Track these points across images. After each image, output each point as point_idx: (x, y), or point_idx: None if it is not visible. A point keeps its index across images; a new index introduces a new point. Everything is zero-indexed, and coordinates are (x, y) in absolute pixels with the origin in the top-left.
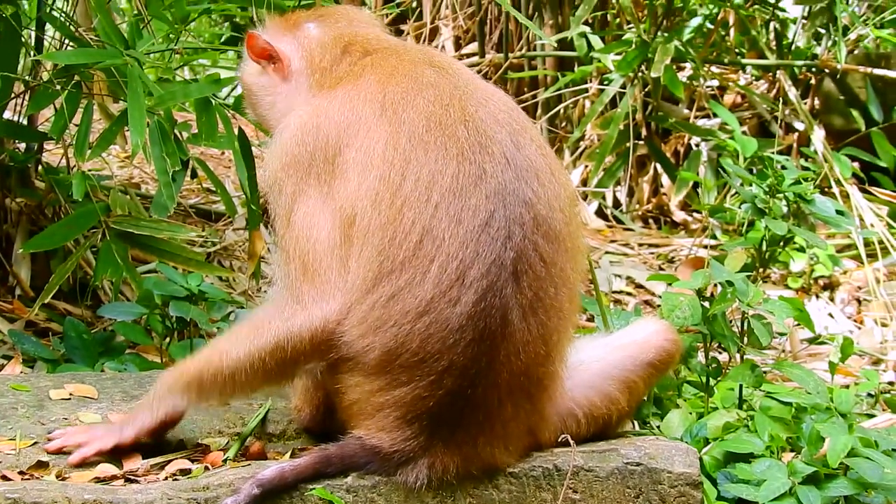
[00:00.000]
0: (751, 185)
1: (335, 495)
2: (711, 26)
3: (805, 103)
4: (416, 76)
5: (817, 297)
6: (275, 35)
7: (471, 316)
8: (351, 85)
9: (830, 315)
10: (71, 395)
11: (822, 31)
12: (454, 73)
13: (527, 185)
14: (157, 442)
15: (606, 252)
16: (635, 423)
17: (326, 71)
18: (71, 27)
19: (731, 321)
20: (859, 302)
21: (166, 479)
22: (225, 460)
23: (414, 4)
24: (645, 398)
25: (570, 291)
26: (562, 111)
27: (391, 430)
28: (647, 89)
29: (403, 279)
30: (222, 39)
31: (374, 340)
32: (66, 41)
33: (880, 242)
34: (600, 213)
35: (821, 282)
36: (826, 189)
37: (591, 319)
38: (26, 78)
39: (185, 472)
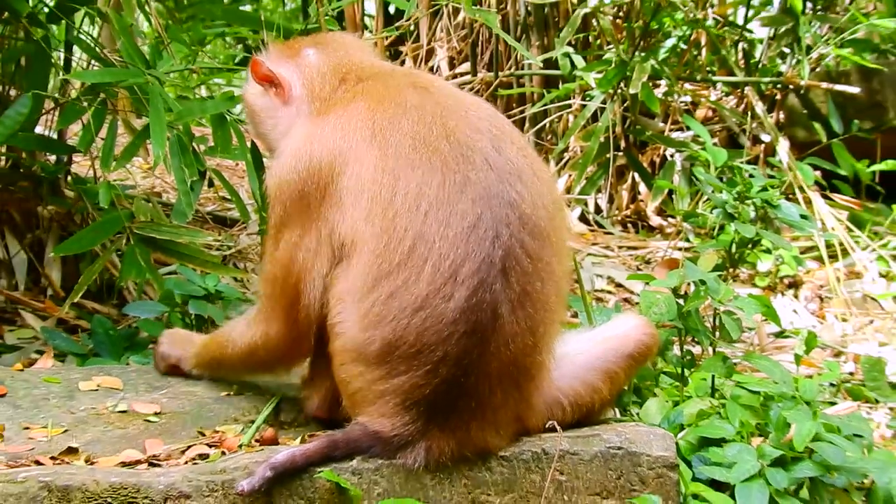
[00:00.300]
0: (721, 191)
1: (341, 477)
2: (685, 46)
3: (771, 117)
4: (402, 101)
5: (782, 294)
6: (277, 60)
7: (463, 310)
8: (342, 110)
9: (795, 311)
10: (99, 386)
11: (787, 50)
12: (436, 92)
13: (510, 187)
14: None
15: (588, 254)
16: (616, 410)
17: (325, 99)
18: (97, 49)
19: (703, 317)
20: (821, 299)
21: (186, 463)
22: (240, 446)
23: (412, 27)
24: (625, 388)
25: (556, 285)
26: (547, 125)
27: (391, 416)
28: (625, 105)
29: (400, 279)
30: (236, 60)
31: (374, 333)
32: (93, 62)
33: (840, 244)
34: (583, 218)
35: (786, 280)
36: (790, 196)
37: (574, 316)
38: (56, 96)
39: (204, 457)
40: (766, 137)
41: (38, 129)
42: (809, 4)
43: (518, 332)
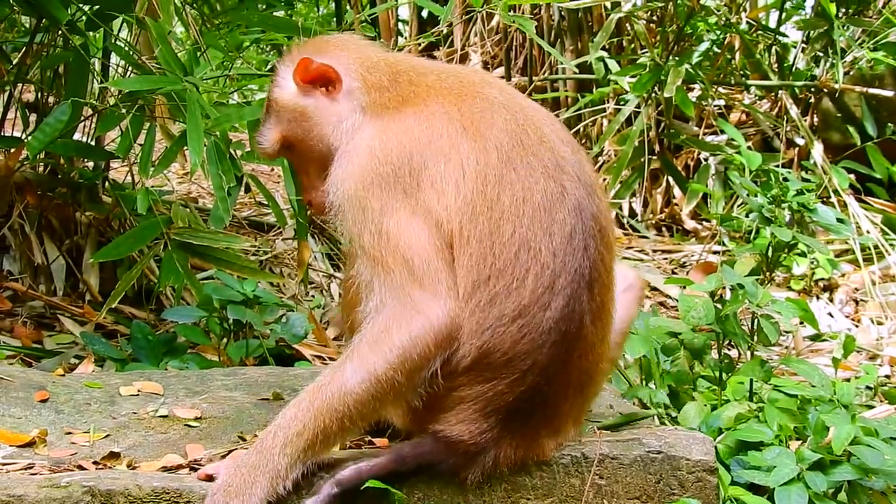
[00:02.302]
0: (757, 195)
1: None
2: (718, 50)
3: (805, 120)
4: (486, 96)
5: (818, 298)
6: (319, 57)
7: (557, 320)
8: (421, 104)
9: (830, 315)
10: (139, 391)
11: (821, 54)
12: (513, 93)
13: (591, 200)
14: None
15: (623, 258)
16: (656, 418)
17: (385, 89)
18: (134, 56)
19: (741, 321)
20: (856, 302)
21: None
22: None
23: (445, 32)
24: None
25: (613, 296)
26: (582, 129)
27: (469, 423)
28: (659, 108)
29: (500, 285)
30: (269, 66)
31: (471, 344)
32: (130, 69)
33: (875, 247)
34: (617, 222)
35: (821, 284)
36: (825, 199)
37: None
38: (94, 103)
39: None
40: (800, 141)
41: (76, 136)
42: (842, 8)
43: (595, 342)
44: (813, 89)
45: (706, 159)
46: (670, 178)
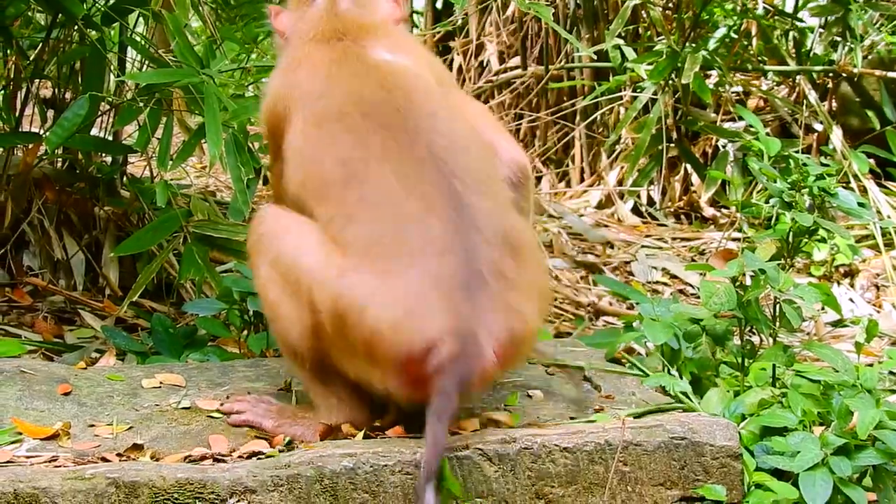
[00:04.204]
0: (776, 180)
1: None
2: (735, 36)
3: (823, 105)
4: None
5: (838, 283)
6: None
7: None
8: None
9: (851, 300)
10: (161, 383)
11: (838, 38)
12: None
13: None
14: None
15: (642, 246)
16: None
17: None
18: (151, 49)
19: (763, 306)
20: (878, 288)
21: (251, 458)
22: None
23: (461, 22)
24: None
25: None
26: (598, 117)
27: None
28: (677, 96)
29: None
30: None
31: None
32: (147, 62)
33: None
34: (636, 210)
35: (841, 270)
36: (845, 184)
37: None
38: (112, 97)
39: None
40: (818, 126)
41: (94, 131)
42: None
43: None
44: (831, 74)
45: (724, 146)
46: (688, 166)
